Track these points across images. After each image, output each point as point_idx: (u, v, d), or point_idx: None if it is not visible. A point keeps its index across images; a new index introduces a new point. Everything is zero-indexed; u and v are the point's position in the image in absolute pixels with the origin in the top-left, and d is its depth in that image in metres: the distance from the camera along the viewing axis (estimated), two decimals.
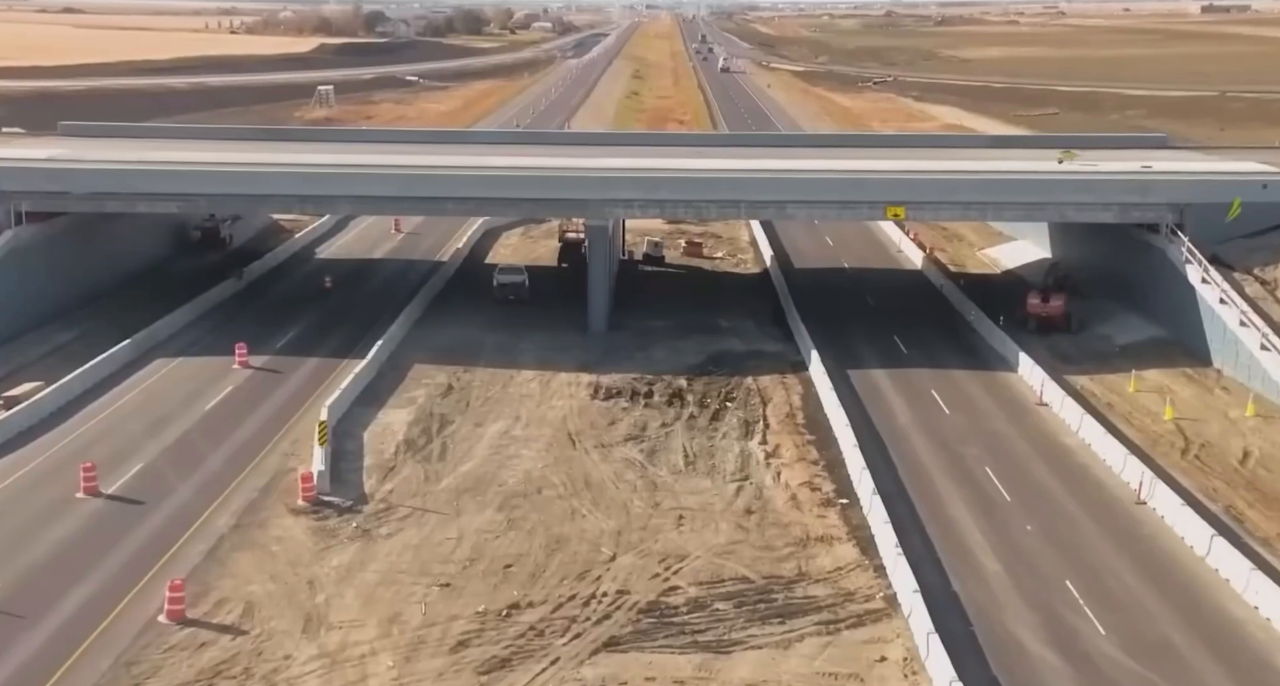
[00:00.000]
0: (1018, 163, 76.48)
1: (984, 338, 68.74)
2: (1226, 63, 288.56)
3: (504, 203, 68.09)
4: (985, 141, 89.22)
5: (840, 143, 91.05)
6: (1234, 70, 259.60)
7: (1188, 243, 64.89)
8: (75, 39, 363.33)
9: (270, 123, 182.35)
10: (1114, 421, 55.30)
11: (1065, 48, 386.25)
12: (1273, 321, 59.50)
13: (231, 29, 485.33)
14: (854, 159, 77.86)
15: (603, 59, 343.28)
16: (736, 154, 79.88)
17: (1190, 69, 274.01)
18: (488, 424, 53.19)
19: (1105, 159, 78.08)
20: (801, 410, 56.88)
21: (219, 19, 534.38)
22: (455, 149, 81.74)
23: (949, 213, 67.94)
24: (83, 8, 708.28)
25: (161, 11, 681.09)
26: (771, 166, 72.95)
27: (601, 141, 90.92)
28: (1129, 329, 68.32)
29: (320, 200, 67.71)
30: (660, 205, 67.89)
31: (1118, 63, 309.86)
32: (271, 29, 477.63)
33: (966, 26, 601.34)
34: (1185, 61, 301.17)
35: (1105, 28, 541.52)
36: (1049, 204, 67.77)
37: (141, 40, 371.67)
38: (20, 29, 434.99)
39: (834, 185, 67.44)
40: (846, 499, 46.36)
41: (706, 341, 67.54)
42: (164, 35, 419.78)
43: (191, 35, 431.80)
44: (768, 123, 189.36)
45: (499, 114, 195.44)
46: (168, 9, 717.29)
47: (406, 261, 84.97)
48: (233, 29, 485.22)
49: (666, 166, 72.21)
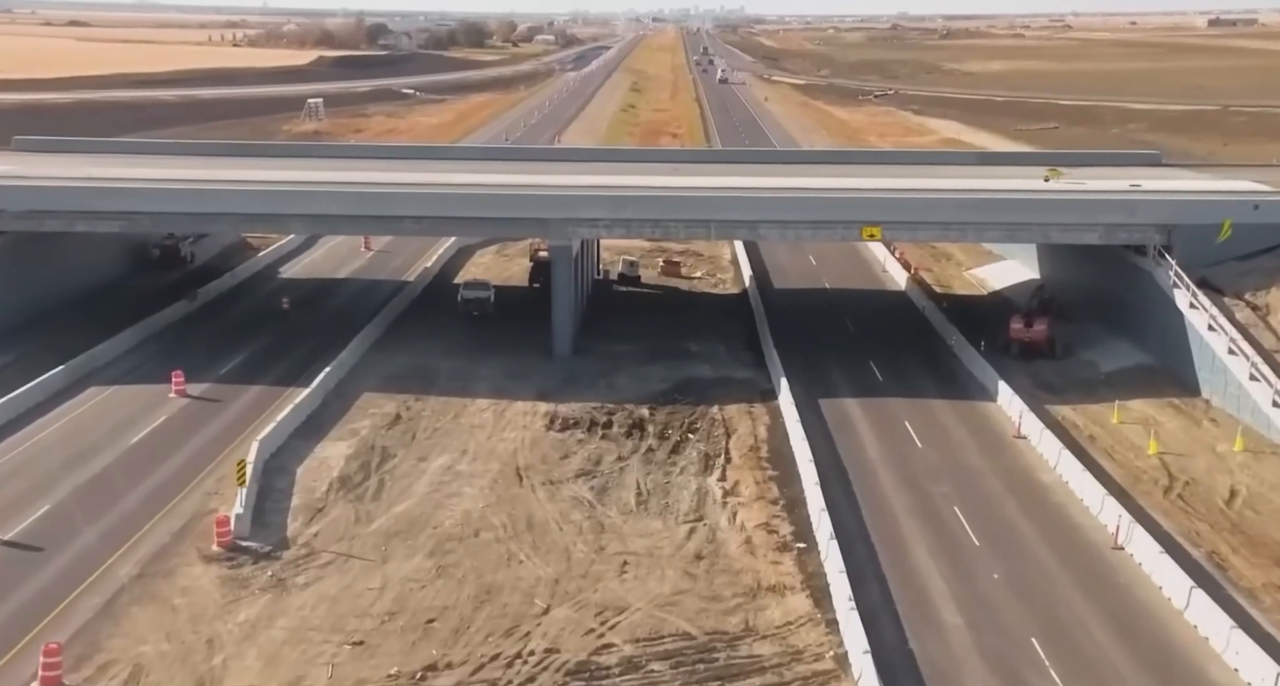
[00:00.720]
0: (1003, 181, 73.76)
1: (964, 364, 65.90)
2: (1230, 76, 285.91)
3: (463, 222, 65.43)
4: (972, 158, 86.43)
5: (822, 159, 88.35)
6: (1237, 84, 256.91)
7: (1175, 266, 62.09)
8: (76, 52, 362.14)
9: (260, 136, 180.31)
10: (1095, 456, 52.45)
11: (1068, 61, 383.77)
12: (1263, 350, 56.64)
13: (234, 42, 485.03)
14: (836, 176, 75.13)
15: (602, 72, 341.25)
16: (714, 171, 77.24)
17: (1193, 83, 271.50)
18: (432, 458, 50.40)
19: (1094, 177, 75.45)
20: (767, 443, 54.06)
21: (222, 32, 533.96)
22: (426, 165, 79.21)
23: (927, 233, 65.19)
24: (88, 21, 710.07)
25: (167, 24, 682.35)
26: (746, 184, 70.34)
27: (578, 157, 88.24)
28: (1116, 355, 65.49)
29: (271, 219, 65.10)
30: (626, 225, 65.23)
31: (1121, 76, 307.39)
32: (274, 42, 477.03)
33: (971, 39, 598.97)
34: (1188, 75, 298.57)
35: (1110, 41, 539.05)
36: (1032, 224, 65.01)
37: (142, 53, 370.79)
38: (23, 42, 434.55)
39: (807, 204, 64.73)
40: (804, 543, 43.50)
41: (674, 367, 64.78)
42: (166, 48, 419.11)
43: (194, 48, 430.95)
44: (762, 136, 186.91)
45: (491, 128, 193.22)
46: (173, 22, 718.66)
47: (372, 281, 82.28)
48: (235, 42, 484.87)
49: (634, 184, 69.58)
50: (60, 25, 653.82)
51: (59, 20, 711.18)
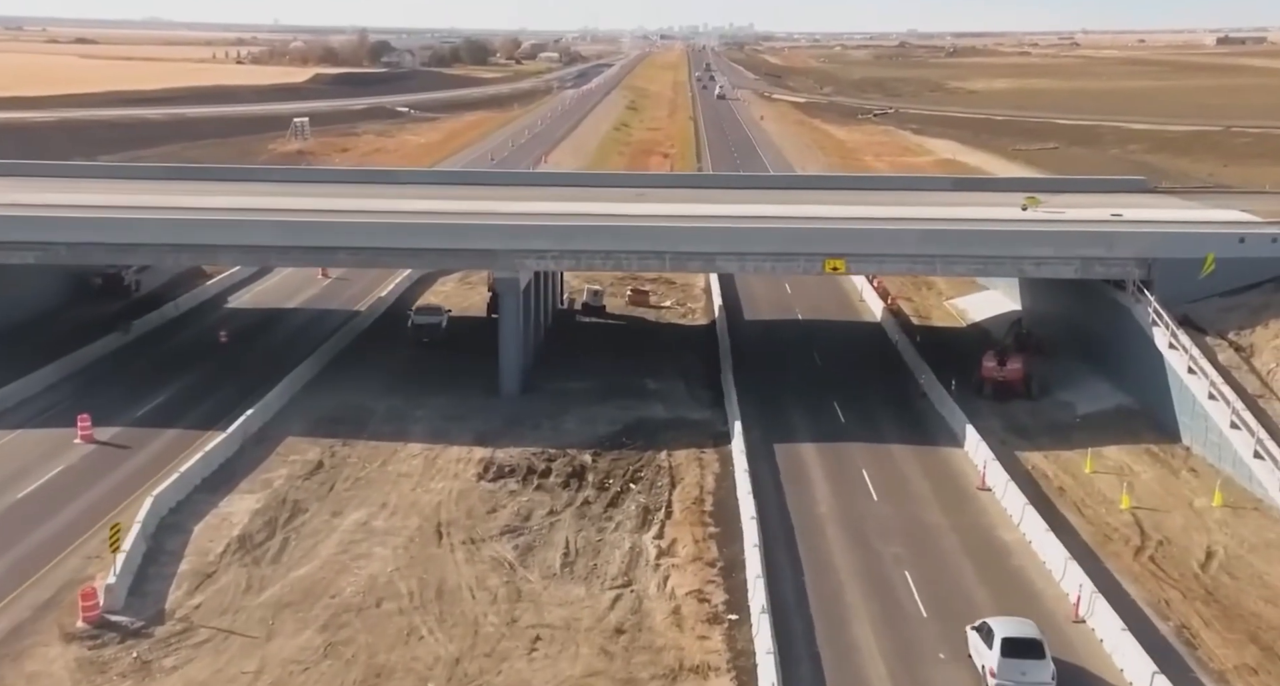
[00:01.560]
0: (981, 210, 70.18)
1: (934, 405, 62.28)
2: (1235, 95, 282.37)
3: (403, 253, 61.89)
4: (948, 184, 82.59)
5: (795, 184, 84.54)
6: (1242, 103, 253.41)
7: (1154, 302, 58.48)
8: (76, 69, 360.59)
9: (244, 156, 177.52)
10: (1063, 511, 48.85)
11: (1073, 80, 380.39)
12: (1246, 395, 52.94)
13: (238, 60, 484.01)
14: (807, 204, 71.61)
15: (601, 90, 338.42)
16: (681, 197, 73.88)
17: (1197, 102, 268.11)
18: (347, 513, 46.85)
19: (1076, 205, 71.89)
20: (713, 494, 50.47)
21: (227, 50, 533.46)
22: (382, 190, 75.71)
23: (893, 266, 61.64)
24: (94, 38, 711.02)
25: (174, 42, 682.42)
26: (709, 212, 67.00)
27: (542, 182, 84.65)
28: (1093, 396, 61.83)
29: (197, 250, 61.59)
30: (575, 256, 61.71)
31: (1125, 95, 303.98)
32: (277, 59, 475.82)
33: (978, 57, 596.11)
34: (1193, 94, 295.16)
35: (1116, 59, 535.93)
36: (1004, 258, 61.39)
37: (143, 70, 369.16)
38: (25, 59, 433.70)
39: (767, 236, 61.18)
40: (736, 614, 39.86)
41: (627, 407, 61.28)
42: (168, 66, 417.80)
43: (196, 66, 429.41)
44: (755, 157, 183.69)
45: (480, 147, 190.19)
46: (180, 39, 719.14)
47: (322, 311, 78.81)
48: (239, 60, 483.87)
49: (591, 211, 66.16)
50: (66, 43, 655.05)
51: (65, 38, 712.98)
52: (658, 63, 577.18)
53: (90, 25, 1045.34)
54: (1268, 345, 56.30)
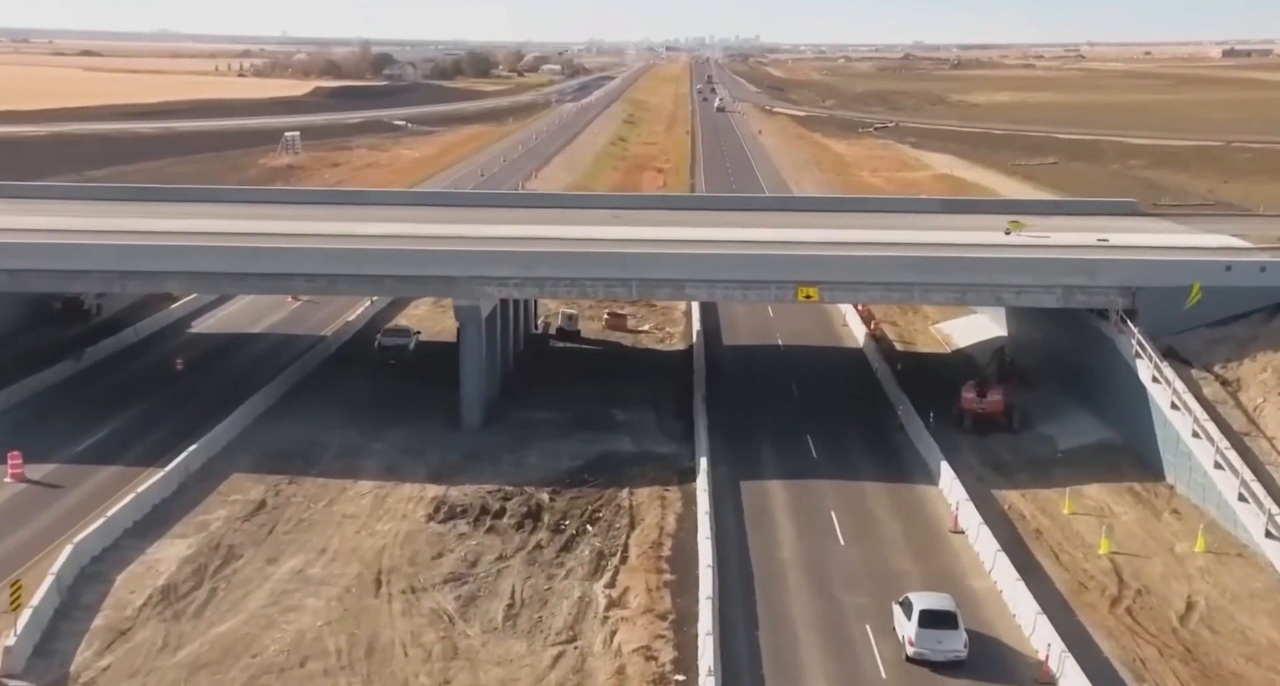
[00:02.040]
0: (961, 234, 67.97)
1: (910, 438, 59.96)
2: (1239, 109, 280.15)
3: (360, 280, 59.60)
4: (935, 205, 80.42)
5: (775, 206, 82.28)
6: (1245, 117, 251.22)
7: (1137, 333, 56.18)
8: (77, 81, 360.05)
9: (235, 169, 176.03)
10: (1039, 556, 46.57)
11: (1076, 93, 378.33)
12: (1232, 432, 50.60)
13: (240, 72, 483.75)
14: (786, 227, 69.48)
15: (600, 103, 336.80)
16: (657, 219, 71.83)
17: (1200, 116, 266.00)
18: (284, 559, 44.60)
19: (1062, 229, 69.80)
20: (673, 537, 48.18)
21: (230, 62, 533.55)
22: (351, 212, 73.66)
23: (869, 294, 59.46)
24: (100, 50, 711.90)
25: (180, 54, 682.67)
26: (682, 236, 64.96)
27: (516, 204, 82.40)
28: (1076, 430, 59.50)
29: (145, 277, 59.33)
30: (539, 284, 59.47)
31: (1128, 109, 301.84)
32: (279, 72, 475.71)
33: (982, 70, 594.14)
34: (1197, 108, 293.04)
35: (1121, 72, 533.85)
36: (983, 286, 59.12)
37: (145, 83, 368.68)
38: (27, 71, 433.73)
39: (737, 262, 58.98)
40: (684, 675, 37.55)
41: (592, 440, 59.05)
42: (170, 78, 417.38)
43: (198, 78, 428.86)
44: (749, 172, 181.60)
45: (472, 162, 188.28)
46: (186, 52, 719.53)
47: (287, 336, 76.56)
48: (241, 72, 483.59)
49: (560, 236, 64.11)
50: (71, 55, 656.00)
51: (70, 50, 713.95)
52: (660, 75, 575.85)
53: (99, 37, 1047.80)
54: (1255, 379, 53.97)
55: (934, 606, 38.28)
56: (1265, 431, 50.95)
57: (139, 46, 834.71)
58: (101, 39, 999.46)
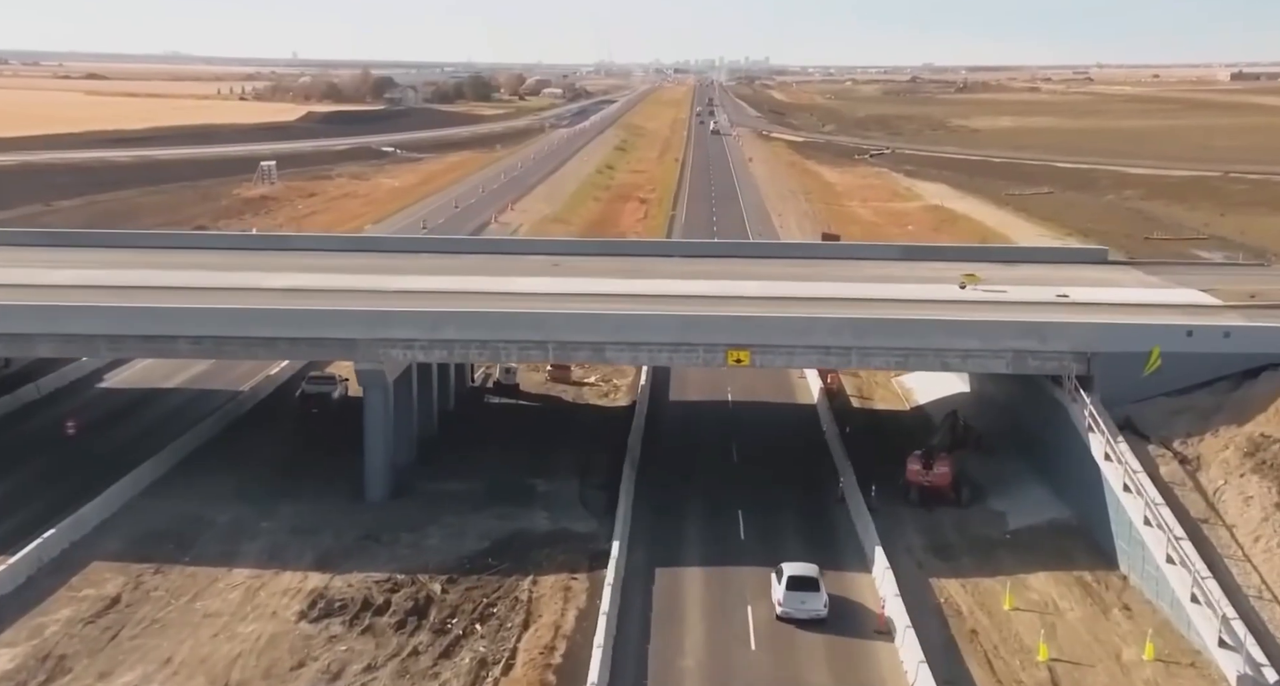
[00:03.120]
0: (915, 288, 63.66)
1: (850, 515, 55.35)
2: (1241, 136, 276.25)
3: (251, 343, 54.88)
4: (896, 252, 75.97)
5: (726, 252, 77.65)
6: (1247, 145, 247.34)
7: (1089, 404, 51.63)
8: (72, 107, 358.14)
9: (205, 199, 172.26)
10: (970, 662, 42.03)
11: (1079, 118, 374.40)
12: (1188, 519, 45.99)
13: (241, 96, 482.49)
14: (725, 279, 65.28)
15: (595, 128, 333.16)
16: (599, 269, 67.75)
17: (1202, 143, 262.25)
18: (119, 673, 39.99)
19: (1022, 281, 65.40)
20: (568, 638, 43.63)
21: (233, 85, 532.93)
22: (266, 260, 69.35)
23: (804, 358, 55.03)
24: (105, 74, 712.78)
25: (184, 77, 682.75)
26: (614, 290, 60.89)
27: (451, 249, 77.78)
28: (1030, 506, 54.91)
29: (10, 340, 54.84)
30: (447, 346, 55.01)
31: (1130, 135, 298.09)
32: (280, 95, 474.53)
33: (987, 94, 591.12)
34: (1199, 134, 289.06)
35: (1126, 96, 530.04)
36: (926, 350, 54.64)
37: (141, 107, 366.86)
38: (29, 95, 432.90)
39: (662, 324, 54.56)
40: None
41: (507, 515, 54.59)
42: (170, 102, 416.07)
43: (199, 102, 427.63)
44: (733, 201, 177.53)
45: (451, 191, 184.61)
46: (192, 75, 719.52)
47: (203, 392, 72.11)
48: (242, 96, 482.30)
49: (479, 289, 59.94)
50: (76, 78, 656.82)
51: (76, 73, 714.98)
52: (663, 99, 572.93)
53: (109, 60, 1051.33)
54: (1216, 457, 49.36)
55: (799, 572, 45.34)
56: (1224, 518, 46.33)
57: (148, 69, 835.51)
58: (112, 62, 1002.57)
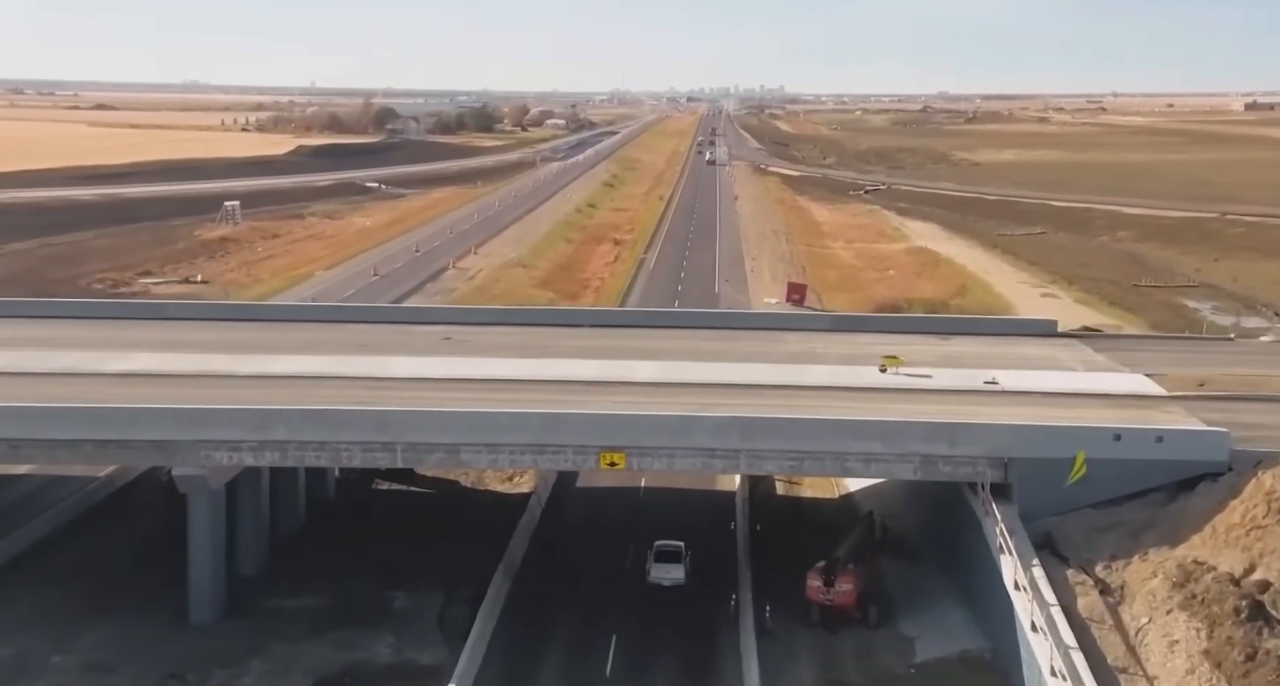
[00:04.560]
0: (831, 371, 57.28)
1: (739, 638, 48.70)
2: (1246, 171, 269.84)
3: (52, 446, 48.21)
4: (824, 323, 69.44)
5: (640, 321, 70.88)
6: (1250, 180, 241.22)
7: (1001, 521, 45.04)
8: (69, 139, 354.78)
9: (162, 241, 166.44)
10: None
11: (1084, 151, 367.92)
12: (1105, 669, 39.33)
13: (243, 127, 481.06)
14: (624, 359, 59.03)
15: (588, 162, 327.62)
16: (493, 344, 61.80)
17: (1204, 178, 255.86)
18: None
19: (953, 360, 58.99)
20: None
21: (236, 116, 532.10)
22: (113, 333, 63.14)
23: (686, 462, 48.46)
24: (114, 104, 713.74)
25: (193, 107, 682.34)
26: (495, 373, 54.80)
27: (336, 317, 70.99)
28: (943, 633, 48.30)
29: None
30: (280, 448, 48.51)
31: (1132, 169, 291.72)
32: (282, 126, 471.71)
33: (995, 124, 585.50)
34: (1202, 169, 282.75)
35: (1135, 127, 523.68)
36: (823, 454, 48.08)
37: (137, 139, 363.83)
38: (27, 128, 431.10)
39: (522, 424, 48.13)
40: None
41: (345, 643, 48.05)
42: (168, 134, 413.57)
43: (198, 133, 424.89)
44: (710, 243, 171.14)
45: (422, 232, 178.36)
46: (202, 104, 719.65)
47: (53, 479, 65.13)
48: (244, 127, 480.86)
49: (343, 372, 53.83)
50: (86, 108, 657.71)
51: (86, 103, 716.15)
52: (668, 129, 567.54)
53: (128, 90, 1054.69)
54: (1142, 588, 42.69)
55: (665, 547, 53.01)
56: (1145, 667, 39.66)
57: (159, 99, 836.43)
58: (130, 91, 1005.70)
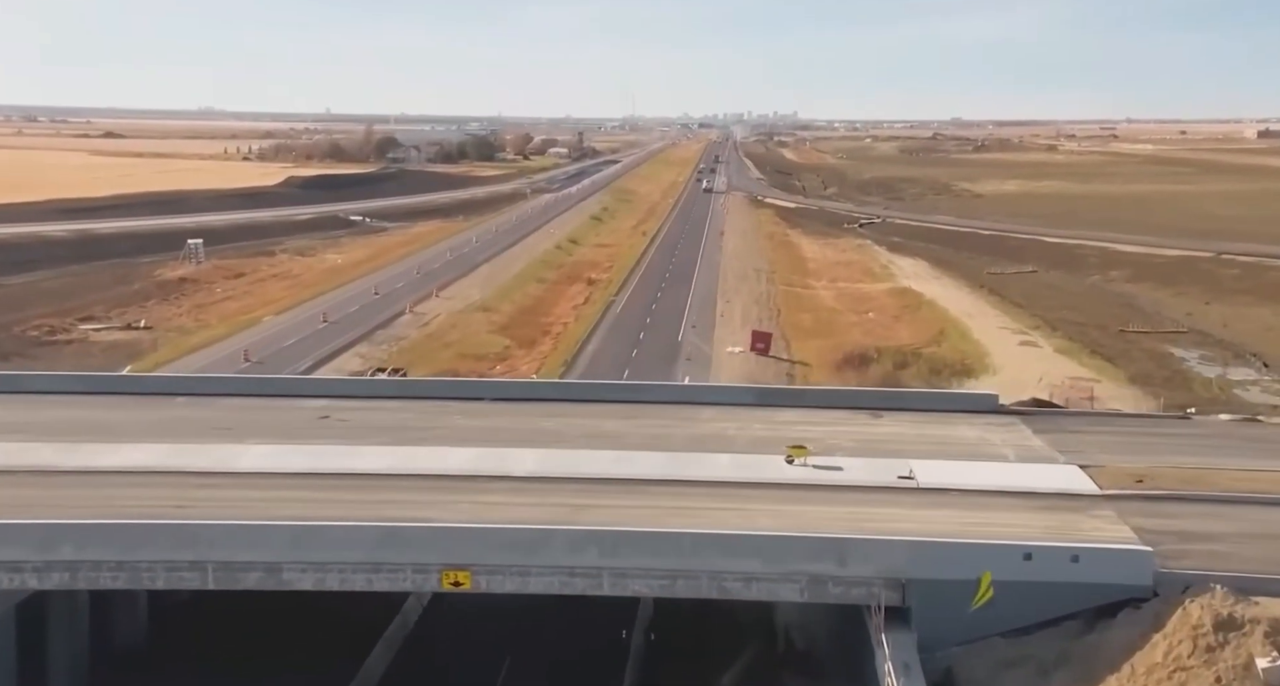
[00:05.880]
0: (732, 461, 51.50)
1: None
2: (1251, 203, 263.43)
3: None
4: (749, 397, 63.24)
5: (536, 395, 64.63)
6: (1253, 214, 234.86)
7: (894, 654, 39.03)
8: (62, 169, 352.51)
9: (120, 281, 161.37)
10: None
11: (1088, 182, 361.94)
12: None
13: (245, 156, 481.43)
14: (510, 445, 53.34)
15: (580, 194, 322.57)
16: (381, 427, 56.16)
17: (1208, 211, 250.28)
18: None
19: (870, 447, 53.13)
20: None
21: (240, 144, 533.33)
22: None
23: (541, 581, 42.47)
24: (124, 131, 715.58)
25: (201, 135, 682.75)
26: (357, 465, 49.09)
27: (184, 390, 64.54)
28: None
29: None
30: (70, 569, 41.90)
31: (1135, 202, 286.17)
32: (283, 155, 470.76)
33: (1003, 153, 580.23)
34: (1208, 201, 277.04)
35: (1142, 157, 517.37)
36: (698, 572, 42.16)
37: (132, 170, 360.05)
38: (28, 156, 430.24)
39: (351, 538, 42.27)
40: None
41: None
42: (164, 163, 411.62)
43: (199, 163, 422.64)
44: (686, 283, 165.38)
45: (391, 270, 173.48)
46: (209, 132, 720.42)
47: None
48: (246, 156, 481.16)
49: (178, 466, 47.91)
50: (94, 137, 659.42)
51: (95, 131, 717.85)
52: (672, 158, 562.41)
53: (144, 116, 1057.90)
54: None
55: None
56: None
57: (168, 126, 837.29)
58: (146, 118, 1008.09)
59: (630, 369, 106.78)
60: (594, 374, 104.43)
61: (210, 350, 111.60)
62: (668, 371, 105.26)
